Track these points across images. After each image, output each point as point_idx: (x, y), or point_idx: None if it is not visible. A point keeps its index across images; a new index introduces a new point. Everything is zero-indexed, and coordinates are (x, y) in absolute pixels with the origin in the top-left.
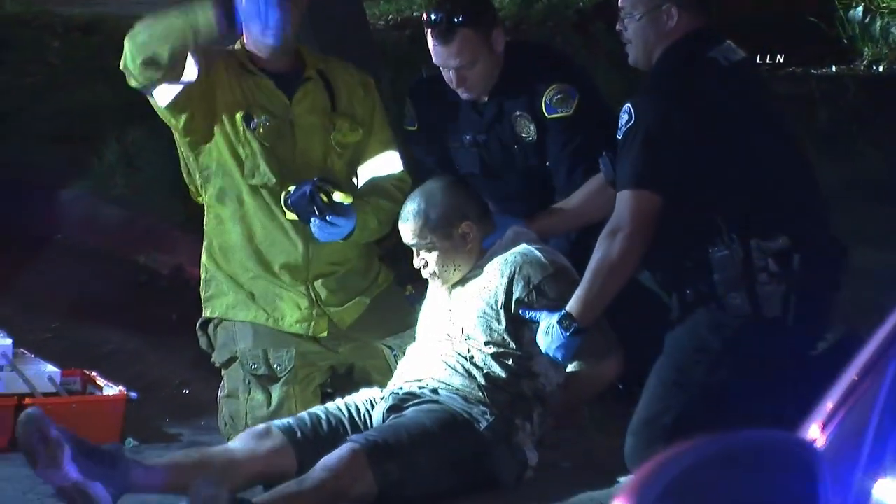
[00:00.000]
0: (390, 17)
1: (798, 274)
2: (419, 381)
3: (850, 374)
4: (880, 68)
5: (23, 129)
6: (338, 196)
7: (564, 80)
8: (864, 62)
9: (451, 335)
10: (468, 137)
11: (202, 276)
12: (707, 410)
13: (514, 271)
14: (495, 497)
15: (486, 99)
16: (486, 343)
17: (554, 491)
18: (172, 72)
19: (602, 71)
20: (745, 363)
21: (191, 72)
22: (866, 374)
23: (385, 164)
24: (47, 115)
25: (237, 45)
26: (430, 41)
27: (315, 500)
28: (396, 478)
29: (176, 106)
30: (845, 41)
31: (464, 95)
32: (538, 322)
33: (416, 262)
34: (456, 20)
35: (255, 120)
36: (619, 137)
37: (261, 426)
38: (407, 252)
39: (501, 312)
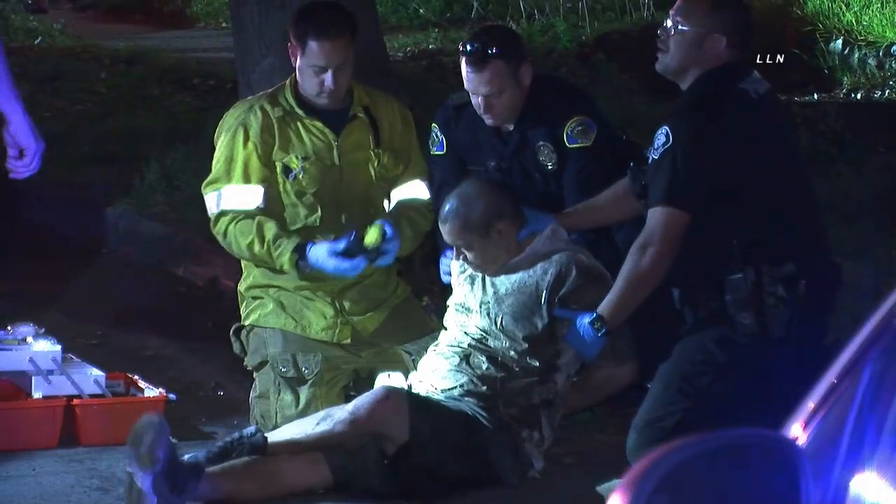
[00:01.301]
0: (408, 49)
1: (802, 299)
2: (437, 388)
3: (830, 377)
4: (858, 96)
5: (73, 151)
6: (369, 237)
7: (584, 112)
8: (844, 90)
9: (485, 328)
10: (492, 164)
11: (241, 286)
12: (708, 417)
13: (560, 271)
14: (499, 490)
15: (511, 128)
16: (524, 338)
17: (556, 485)
18: None
19: (602, 100)
20: (748, 378)
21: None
22: (845, 376)
23: (415, 190)
24: (95, 139)
25: (287, 83)
26: (464, 68)
27: (344, 435)
28: (426, 436)
29: None
30: (826, 71)
31: (489, 121)
32: (572, 320)
33: (456, 256)
34: (489, 51)
35: (294, 171)
36: (655, 157)
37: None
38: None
39: (544, 307)
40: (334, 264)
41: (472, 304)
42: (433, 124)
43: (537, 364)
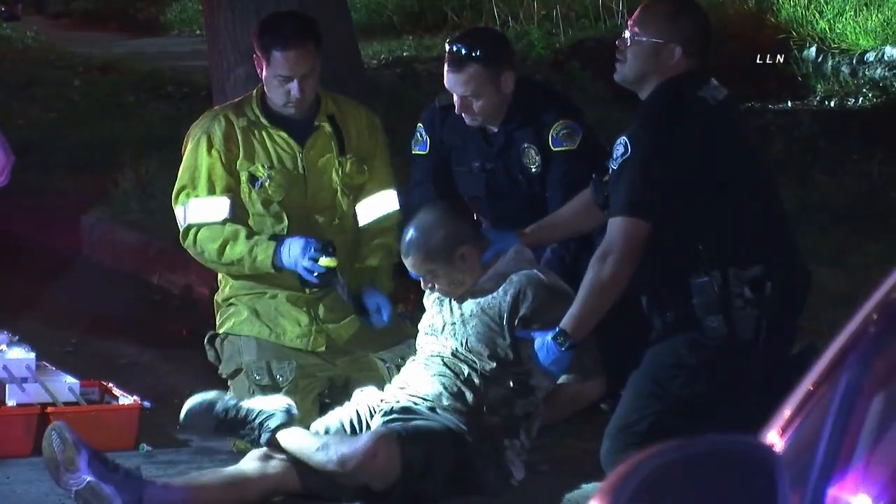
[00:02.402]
0: (382, 56)
1: (769, 300)
2: (416, 395)
3: (807, 384)
4: (832, 103)
5: (47, 159)
6: (323, 261)
7: (570, 117)
8: (817, 98)
9: (453, 349)
10: (476, 164)
11: (218, 297)
12: (680, 420)
13: (519, 291)
14: (476, 499)
15: (496, 129)
16: (490, 357)
17: (533, 493)
18: None
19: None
20: (719, 379)
21: None
22: (822, 383)
23: (383, 203)
24: (69, 146)
25: (254, 93)
26: (445, 67)
27: (334, 474)
28: (419, 469)
29: None
30: (799, 78)
31: (467, 121)
32: (533, 339)
33: (424, 286)
34: (472, 54)
35: (260, 179)
36: (615, 168)
37: (262, 450)
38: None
39: (506, 328)
40: (304, 265)
41: (439, 326)
42: (419, 124)
43: (511, 383)
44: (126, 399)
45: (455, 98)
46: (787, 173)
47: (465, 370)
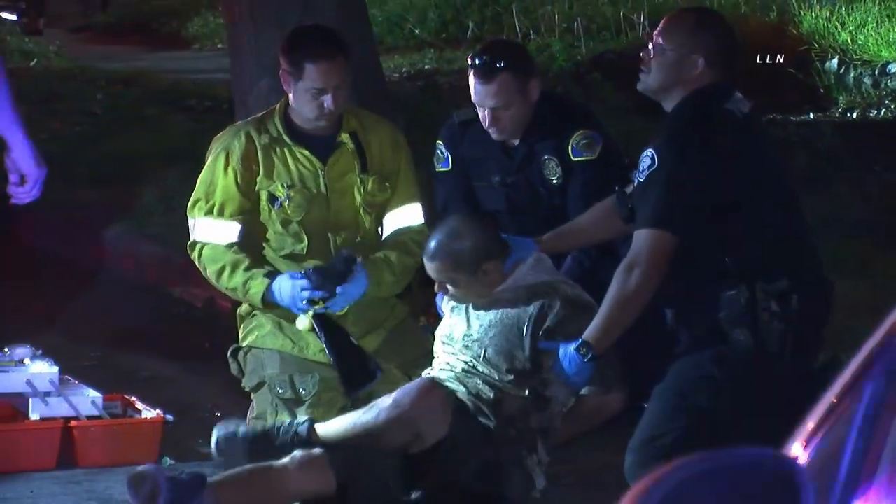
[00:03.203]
0: (404, 69)
1: (796, 313)
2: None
3: (830, 396)
4: (854, 115)
5: (70, 173)
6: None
7: (589, 126)
8: (839, 109)
9: (467, 363)
10: (497, 178)
11: (241, 310)
12: (706, 434)
13: (544, 304)
14: None
15: (517, 142)
16: (508, 370)
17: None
18: None
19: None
20: (745, 393)
21: None
22: (845, 395)
23: (407, 216)
24: (92, 160)
25: (276, 109)
26: (472, 80)
27: (388, 424)
28: (459, 438)
29: None
30: (821, 90)
31: (494, 135)
32: (556, 351)
33: (437, 289)
34: (498, 64)
35: (279, 199)
36: (641, 180)
37: (300, 452)
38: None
39: (526, 341)
40: (298, 305)
41: (457, 336)
42: (438, 141)
43: (527, 392)
44: (149, 412)
45: (483, 112)
46: (809, 185)
47: (479, 384)
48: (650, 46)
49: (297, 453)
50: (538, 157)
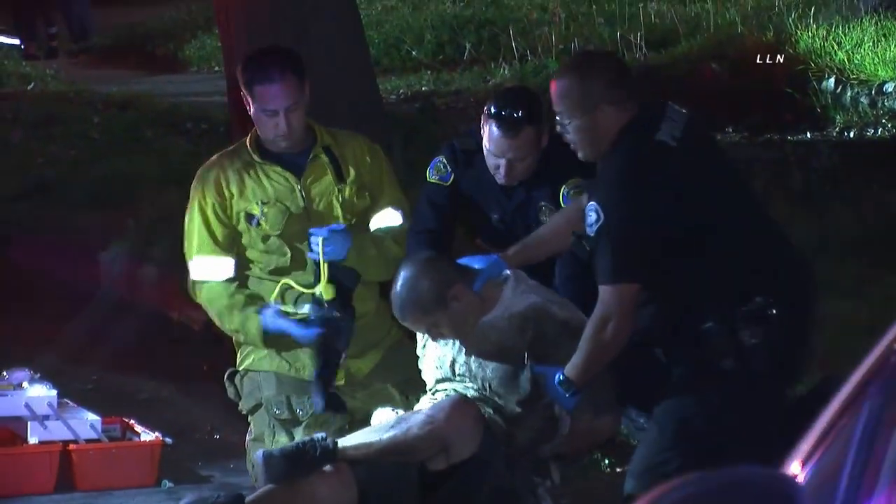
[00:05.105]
0: (401, 91)
1: (777, 330)
2: None
3: (829, 414)
4: (851, 134)
5: (67, 196)
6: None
7: (581, 174)
8: (836, 129)
9: (479, 389)
10: (496, 216)
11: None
12: (708, 458)
13: (538, 329)
14: None
15: (516, 185)
16: (518, 403)
17: None
18: None
19: None
20: (744, 415)
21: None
22: (843, 413)
23: (387, 218)
24: (89, 183)
25: (250, 134)
26: (495, 132)
27: (418, 439)
28: (487, 455)
29: None
30: (818, 109)
31: (504, 182)
32: (549, 375)
33: (433, 339)
34: (523, 118)
35: (256, 216)
36: (591, 234)
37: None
38: None
39: (527, 370)
40: (295, 330)
41: (447, 362)
42: (441, 158)
43: (539, 420)
44: (148, 435)
45: (498, 161)
46: (806, 205)
47: (491, 413)
48: (558, 128)
49: (326, 468)
50: (535, 203)
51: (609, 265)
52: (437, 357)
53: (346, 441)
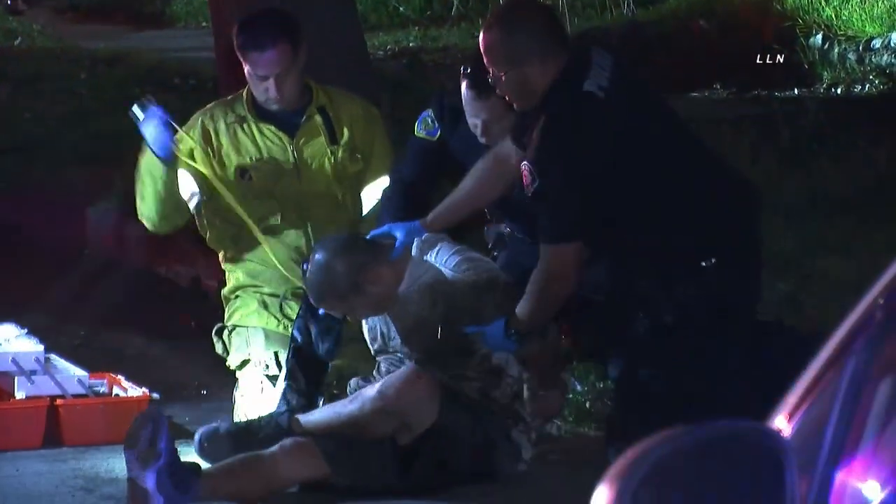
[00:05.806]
0: (388, 47)
1: (715, 279)
2: None
3: (813, 369)
4: (838, 91)
5: (54, 153)
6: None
7: None
8: (824, 85)
9: (411, 358)
10: None
11: (225, 291)
12: (675, 416)
13: (447, 301)
14: (489, 489)
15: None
16: (444, 366)
17: (544, 481)
18: (181, 216)
19: None
20: (696, 368)
21: (193, 200)
22: (828, 368)
23: (384, 185)
24: (76, 140)
25: (244, 89)
26: (467, 93)
27: (373, 415)
28: (451, 422)
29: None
30: (806, 66)
31: (483, 141)
32: (483, 333)
33: (353, 320)
34: (492, 82)
35: (248, 170)
36: (529, 195)
37: (289, 439)
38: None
39: (450, 336)
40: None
41: (379, 338)
42: (429, 111)
43: (478, 381)
44: (135, 391)
45: (475, 121)
46: (793, 162)
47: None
48: (491, 80)
49: (286, 441)
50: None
51: (548, 226)
52: (368, 329)
53: (308, 416)
